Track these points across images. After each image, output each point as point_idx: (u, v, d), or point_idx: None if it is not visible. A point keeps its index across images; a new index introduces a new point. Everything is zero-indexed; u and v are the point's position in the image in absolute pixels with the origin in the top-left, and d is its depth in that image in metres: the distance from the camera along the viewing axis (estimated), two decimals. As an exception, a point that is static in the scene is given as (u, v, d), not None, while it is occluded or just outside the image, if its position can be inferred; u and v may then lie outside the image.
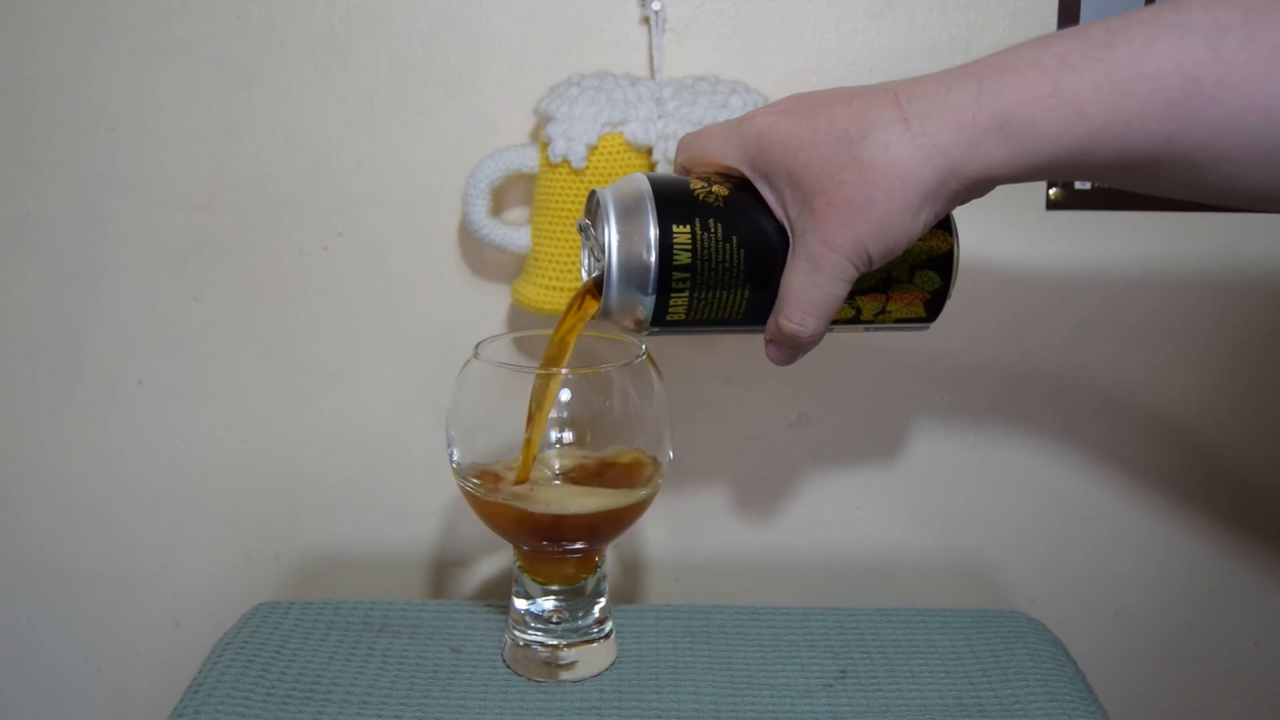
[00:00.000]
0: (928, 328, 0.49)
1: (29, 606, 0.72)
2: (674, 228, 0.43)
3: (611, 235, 0.43)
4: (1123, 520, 0.71)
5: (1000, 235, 0.66)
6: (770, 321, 0.45)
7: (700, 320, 0.45)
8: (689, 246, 0.43)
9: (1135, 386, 0.69)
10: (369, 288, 0.67)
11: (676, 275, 0.43)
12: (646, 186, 0.44)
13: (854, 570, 0.71)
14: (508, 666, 0.55)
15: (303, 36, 0.63)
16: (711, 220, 0.43)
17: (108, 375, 0.68)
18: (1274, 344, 0.68)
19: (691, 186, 0.44)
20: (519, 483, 0.51)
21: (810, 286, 0.43)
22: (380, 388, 0.68)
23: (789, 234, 0.43)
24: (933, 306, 0.48)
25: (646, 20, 0.62)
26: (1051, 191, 0.66)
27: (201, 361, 0.68)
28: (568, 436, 0.50)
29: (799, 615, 0.60)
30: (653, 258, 0.43)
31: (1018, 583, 0.72)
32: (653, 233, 0.43)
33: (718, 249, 0.43)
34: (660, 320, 0.45)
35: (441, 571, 0.72)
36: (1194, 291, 0.68)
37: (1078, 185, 0.66)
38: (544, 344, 0.57)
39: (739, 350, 0.68)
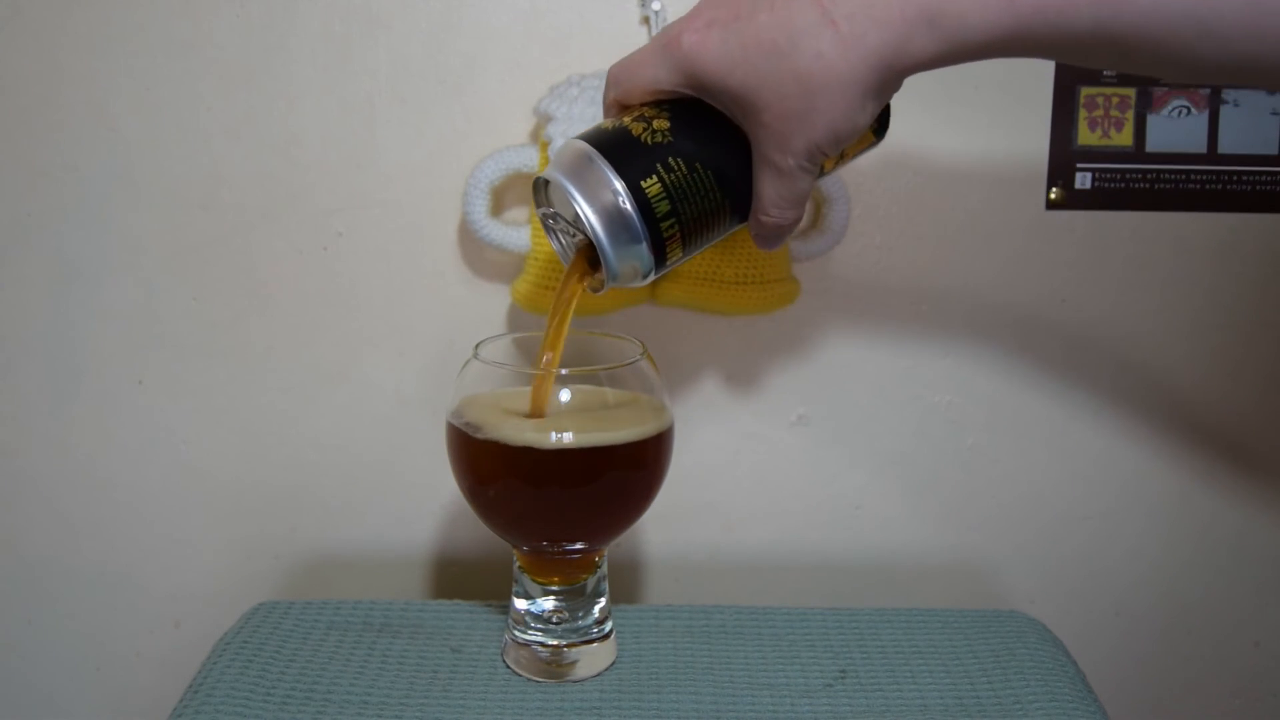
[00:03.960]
0: (879, 143, 0.50)
1: (29, 606, 0.72)
2: (642, 183, 0.43)
3: (586, 212, 0.44)
4: (1123, 520, 0.71)
5: (1000, 235, 0.67)
6: (752, 220, 0.46)
7: (696, 245, 0.46)
8: (664, 194, 0.44)
9: (1135, 387, 0.69)
10: (369, 288, 0.67)
11: (664, 224, 0.44)
12: (592, 151, 0.44)
13: (854, 570, 0.71)
14: (508, 666, 0.55)
15: (303, 36, 0.63)
16: (670, 159, 0.44)
17: (107, 375, 0.68)
18: (1274, 344, 0.68)
19: (634, 132, 0.44)
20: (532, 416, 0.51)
21: (780, 187, 0.44)
22: (380, 388, 0.68)
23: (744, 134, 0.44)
24: (880, 131, 0.49)
25: (646, 20, 0.62)
26: (1052, 192, 0.66)
27: (201, 361, 0.68)
28: (568, 437, 0.50)
29: (799, 615, 0.60)
30: (631, 208, 0.43)
31: (1018, 583, 0.72)
32: (621, 186, 0.43)
33: (689, 181, 0.44)
34: (662, 263, 0.45)
35: (441, 571, 0.72)
36: (1194, 291, 0.68)
37: (1078, 185, 0.66)
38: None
39: (739, 350, 0.68)
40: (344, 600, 0.62)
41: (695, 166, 0.44)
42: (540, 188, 0.48)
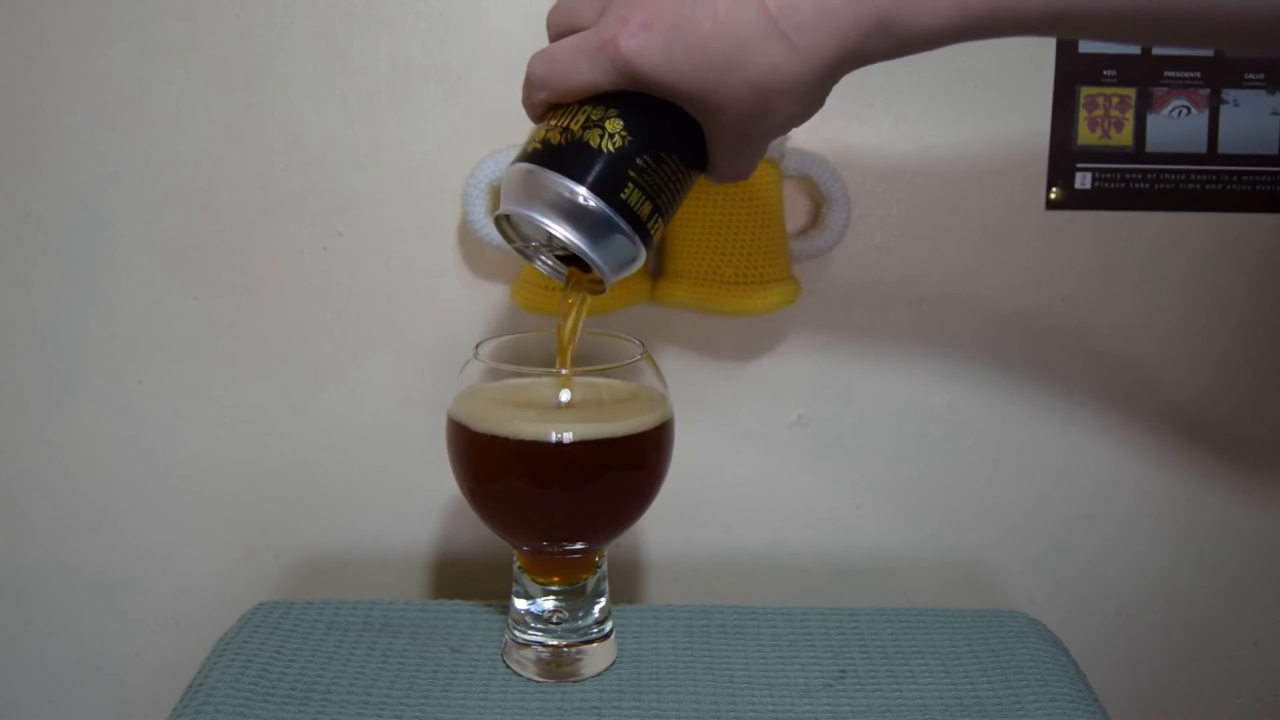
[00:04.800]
0: None
1: (29, 606, 0.72)
2: (621, 195, 0.43)
3: (580, 244, 0.43)
4: (1123, 520, 0.71)
5: (1000, 235, 0.67)
6: (713, 176, 0.46)
7: (672, 211, 0.46)
8: (643, 196, 0.43)
9: (1135, 386, 0.69)
10: (369, 288, 0.67)
11: (649, 223, 0.44)
12: (563, 181, 0.43)
13: (854, 570, 0.71)
14: (508, 666, 0.55)
15: (303, 36, 0.63)
16: (637, 159, 0.43)
17: (108, 375, 0.68)
18: (1274, 344, 0.68)
19: (592, 143, 0.43)
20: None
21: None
22: (380, 387, 0.68)
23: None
24: None
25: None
26: (1052, 192, 0.66)
27: (201, 361, 0.68)
28: (567, 438, 0.50)
29: (799, 615, 0.60)
30: (599, 205, 0.43)
31: (1018, 583, 0.72)
32: (580, 189, 0.43)
33: (659, 172, 0.44)
34: (649, 245, 0.45)
35: (441, 571, 0.72)
36: (1194, 291, 0.68)
37: (1078, 185, 0.66)
38: (544, 344, 0.57)
39: (739, 350, 0.68)
40: (344, 600, 0.62)
41: (661, 156, 0.44)
42: (503, 223, 0.47)
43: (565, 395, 0.51)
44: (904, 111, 0.65)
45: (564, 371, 0.51)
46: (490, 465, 0.52)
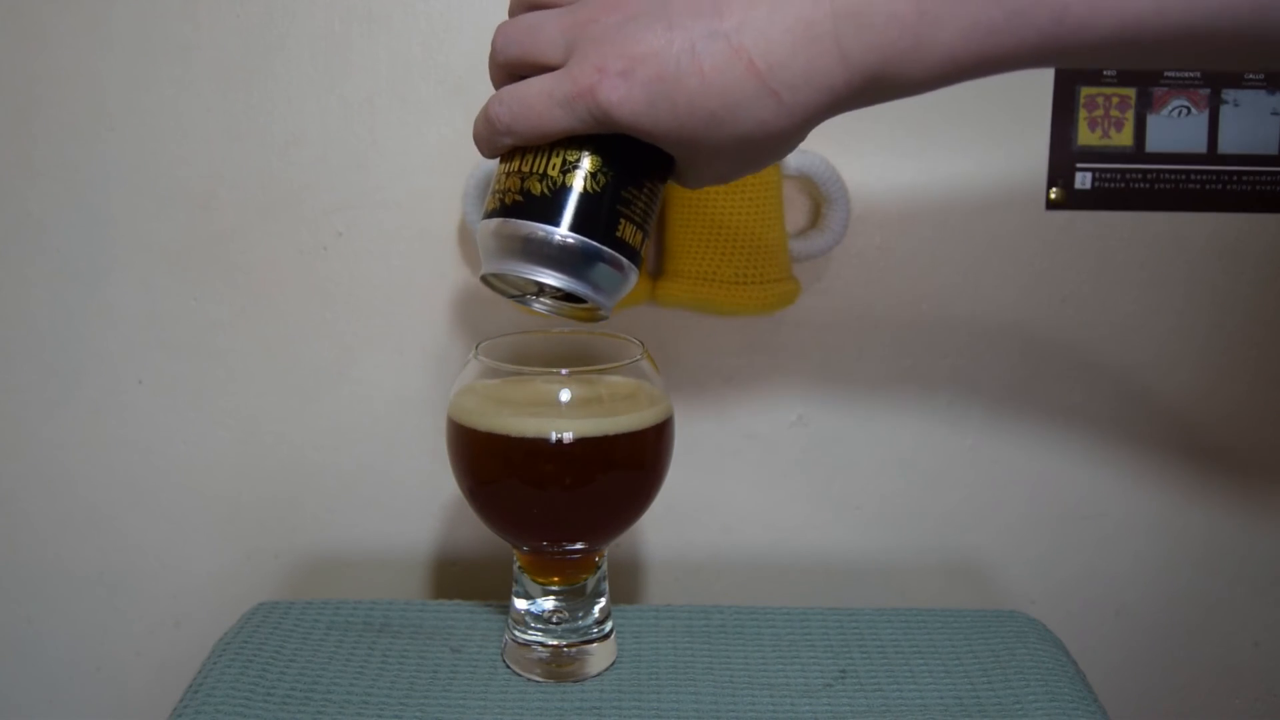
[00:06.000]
0: None
1: (29, 606, 0.72)
2: (616, 234, 0.42)
3: (590, 293, 0.43)
4: (1123, 520, 0.71)
5: (1000, 235, 0.67)
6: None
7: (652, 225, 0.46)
8: (636, 226, 0.43)
9: (1135, 386, 0.69)
10: (369, 287, 0.67)
11: (641, 248, 0.44)
12: (553, 231, 0.42)
13: (854, 570, 0.71)
14: (508, 666, 0.55)
15: (303, 36, 0.63)
16: (623, 192, 0.42)
17: (108, 375, 0.68)
18: (1274, 344, 0.68)
19: (579, 188, 0.42)
20: None
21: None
22: (380, 387, 0.68)
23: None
24: None
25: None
26: (1052, 192, 0.66)
27: (201, 361, 0.68)
28: (567, 436, 0.50)
29: (799, 615, 0.60)
30: (623, 257, 0.43)
31: (1018, 583, 0.72)
32: (611, 252, 0.42)
33: (644, 198, 0.43)
34: (639, 266, 0.45)
35: (441, 571, 0.72)
36: (1194, 291, 0.68)
37: (1078, 185, 0.66)
38: (544, 344, 0.57)
39: (739, 350, 0.68)
40: (344, 600, 0.62)
41: (642, 184, 0.43)
42: (491, 280, 0.46)
43: (565, 394, 0.51)
44: (904, 112, 0.65)
45: (564, 371, 0.51)
46: (490, 464, 0.52)
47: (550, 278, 0.42)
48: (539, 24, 0.41)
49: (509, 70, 0.43)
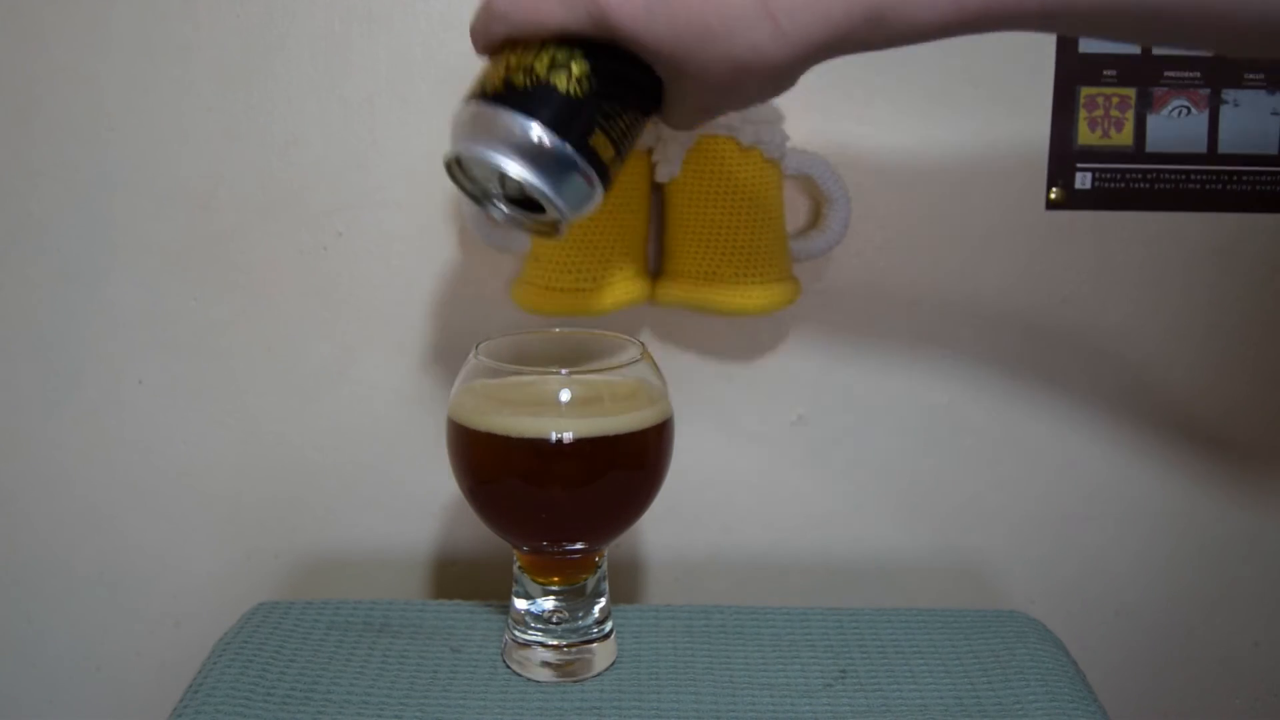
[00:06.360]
0: None
1: (29, 606, 0.72)
2: (589, 141, 0.42)
3: (545, 188, 0.42)
4: (1123, 520, 0.71)
5: (1000, 235, 0.67)
6: (661, 121, 0.46)
7: (628, 156, 0.46)
8: (610, 141, 0.43)
9: (1135, 386, 0.69)
10: (369, 287, 0.67)
11: (611, 167, 0.44)
12: (531, 124, 0.41)
13: (854, 570, 0.71)
14: (508, 666, 0.55)
15: (303, 36, 0.63)
16: (604, 104, 0.42)
17: (108, 375, 0.68)
18: (1273, 344, 0.68)
19: (561, 87, 0.41)
20: None
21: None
22: (380, 387, 0.68)
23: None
24: None
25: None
26: (1052, 192, 0.66)
27: (201, 361, 0.68)
28: (567, 436, 0.50)
29: (799, 615, 0.60)
30: (590, 166, 0.42)
31: (1018, 583, 0.72)
32: (578, 158, 0.42)
33: (624, 119, 0.43)
34: (608, 189, 0.45)
35: (441, 571, 0.72)
36: (1193, 291, 0.68)
37: (1078, 185, 0.66)
38: (544, 344, 0.57)
39: (739, 350, 0.68)
40: (344, 600, 0.62)
41: (625, 103, 0.43)
42: (453, 166, 0.45)
43: (565, 394, 0.51)
44: (904, 112, 0.65)
45: (564, 371, 0.51)
46: (490, 464, 0.52)
47: (514, 168, 0.42)
48: None
49: None
